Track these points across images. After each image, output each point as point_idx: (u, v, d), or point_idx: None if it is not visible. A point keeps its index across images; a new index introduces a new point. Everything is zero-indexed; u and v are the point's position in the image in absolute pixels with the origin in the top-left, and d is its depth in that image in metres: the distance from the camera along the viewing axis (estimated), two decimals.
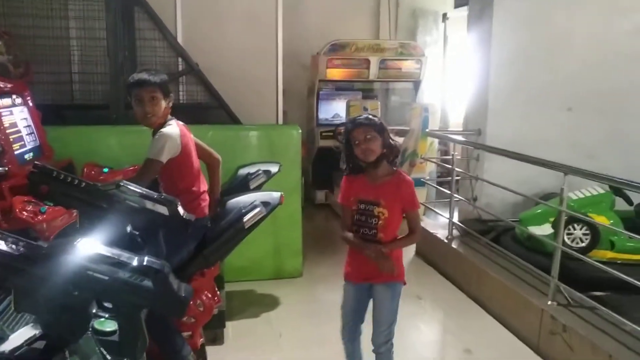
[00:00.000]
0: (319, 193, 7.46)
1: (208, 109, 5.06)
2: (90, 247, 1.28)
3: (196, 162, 3.00)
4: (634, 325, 3.21)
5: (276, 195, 3.12)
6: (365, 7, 8.45)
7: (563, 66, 5.33)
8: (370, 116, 2.71)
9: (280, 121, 5.47)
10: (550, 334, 3.56)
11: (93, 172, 3.66)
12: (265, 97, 5.40)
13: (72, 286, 1.23)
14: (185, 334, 2.92)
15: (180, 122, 2.94)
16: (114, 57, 4.68)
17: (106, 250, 1.28)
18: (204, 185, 3.06)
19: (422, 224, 5.70)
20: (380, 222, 2.65)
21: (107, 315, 1.51)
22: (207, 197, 3.05)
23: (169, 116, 2.89)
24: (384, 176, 2.68)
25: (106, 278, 1.22)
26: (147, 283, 1.25)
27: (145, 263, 1.27)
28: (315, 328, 4.06)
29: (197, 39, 5.12)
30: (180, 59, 5.07)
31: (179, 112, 3.10)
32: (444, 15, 8.29)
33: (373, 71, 7.48)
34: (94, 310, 1.48)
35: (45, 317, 1.32)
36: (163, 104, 2.81)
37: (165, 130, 2.79)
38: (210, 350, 3.41)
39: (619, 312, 3.37)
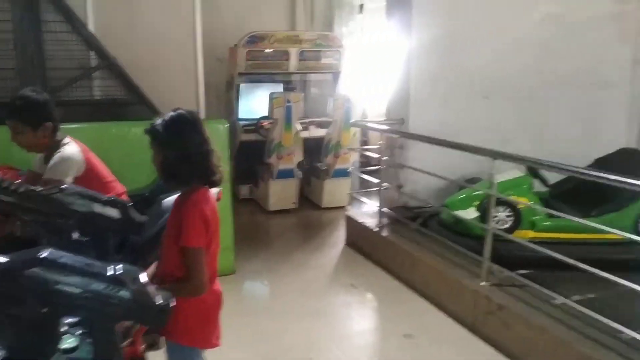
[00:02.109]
0: (243, 187, 7.32)
1: (127, 104, 4.77)
2: (56, 258, 1.12)
3: (104, 170, 2.91)
4: (564, 299, 3.39)
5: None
6: None
7: (479, 55, 5.52)
8: (156, 123, 2.06)
9: (204, 115, 5.27)
10: (485, 313, 3.69)
11: (8, 176, 3.33)
12: (185, 91, 5.18)
13: (38, 303, 1.08)
14: (127, 341, 2.73)
15: (77, 141, 2.81)
16: (21, 52, 4.29)
17: (76, 261, 1.13)
18: (120, 190, 2.92)
19: (349, 214, 5.79)
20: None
21: (77, 332, 1.34)
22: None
23: (61, 135, 2.72)
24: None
25: (78, 291, 1.08)
26: (125, 293, 1.12)
27: (121, 271, 1.14)
28: (252, 325, 3.97)
29: (111, 31, 4.81)
30: (93, 53, 4.74)
31: (93, 109, 2.91)
32: (361, 7, 8.37)
33: (293, 63, 7.40)
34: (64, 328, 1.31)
35: (9, 339, 1.14)
36: (31, 135, 2.63)
37: (63, 152, 2.68)
38: (149, 355, 3.23)
39: (547, 288, 3.56)
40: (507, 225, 4.53)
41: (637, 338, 2.90)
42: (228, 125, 4.77)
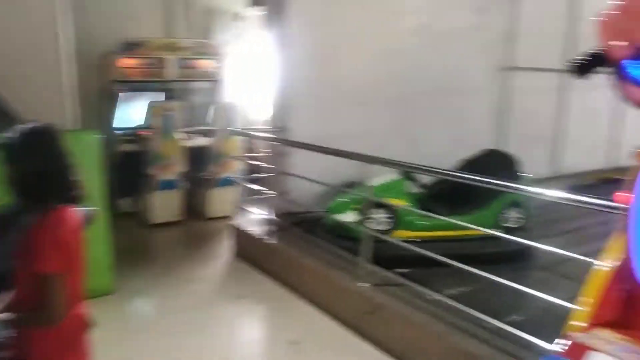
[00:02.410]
0: (124, 201, 6.97)
1: None
2: None
3: None
4: (438, 295, 3.59)
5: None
6: (156, 5, 8.09)
7: (354, 63, 5.72)
8: (8, 137, 1.89)
9: (75, 126, 4.96)
10: (367, 314, 3.81)
11: None
12: (51, 101, 4.84)
13: None
14: None
15: None
16: None
17: None
18: None
19: (236, 224, 5.73)
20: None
21: None
22: None
23: None
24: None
25: None
26: None
27: None
28: (138, 345, 3.81)
29: None
30: None
31: None
32: (239, 15, 8.33)
33: (171, 71, 7.22)
34: None
35: None
36: None
37: None
38: None
39: (424, 285, 3.75)
40: (386, 227, 4.72)
41: (499, 326, 3.14)
42: (100, 136, 4.53)
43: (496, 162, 5.02)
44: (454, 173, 3.93)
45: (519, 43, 6.54)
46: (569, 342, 1.36)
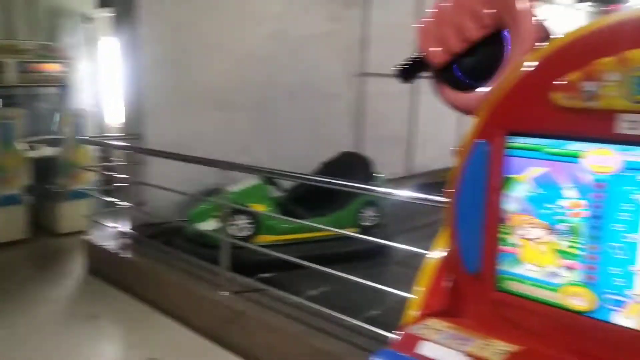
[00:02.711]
0: None
1: None
2: None
3: None
4: (298, 298, 3.61)
5: None
6: None
7: (212, 68, 5.61)
8: None
9: None
10: (228, 323, 3.73)
11: None
12: None
13: None
14: None
15: None
16: None
17: None
18: None
19: (90, 239, 5.35)
20: None
21: None
22: None
23: None
24: None
25: None
26: None
27: None
28: None
29: None
30: None
31: None
32: (86, 16, 7.82)
33: (10, 75, 6.58)
34: None
35: None
36: None
37: None
38: None
39: (285, 289, 3.76)
40: (248, 233, 4.68)
41: (356, 323, 3.23)
42: None
43: (353, 164, 5.19)
44: (311, 177, 4.00)
45: (371, 50, 6.83)
46: (402, 334, 1.41)
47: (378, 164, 5.26)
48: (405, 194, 3.28)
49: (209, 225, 4.61)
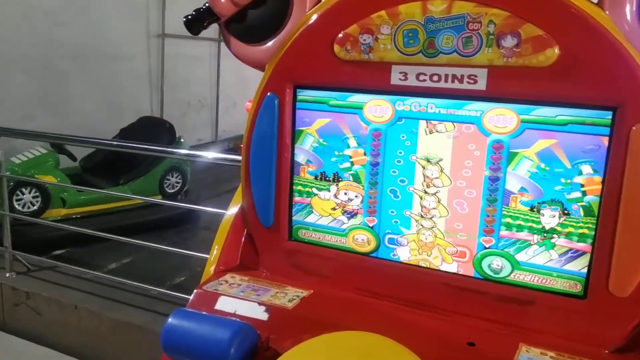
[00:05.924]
0: None
1: None
2: None
3: None
4: (94, 272, 3.37)
5: None
6: None
7: None
8: None
9: None
10: (14, 306, 3.35)
11: None
12: None
13: None
14: None
15: None
16: None
17: None
18: None
19: None
20: None
21: None
22: None
23: None
24: None
25: None
26: None
27: None
28: None
29: None
30: None
31: None
32: None
33: None
34: None
35: None
36: None
37: None
38: None
39: (81, 264, 3.48)
40: (35, 207, 4.22)
41: (162, 291, 3.12)
42: None
43: (153, 129, 4.97)
44: (106, 142, 3.70)
45: (173, 9, 6.49)
46: (197, 292, 1.38)
47: (183, 129, 5.12)
48: (208, 154, 3.21)
49: None
